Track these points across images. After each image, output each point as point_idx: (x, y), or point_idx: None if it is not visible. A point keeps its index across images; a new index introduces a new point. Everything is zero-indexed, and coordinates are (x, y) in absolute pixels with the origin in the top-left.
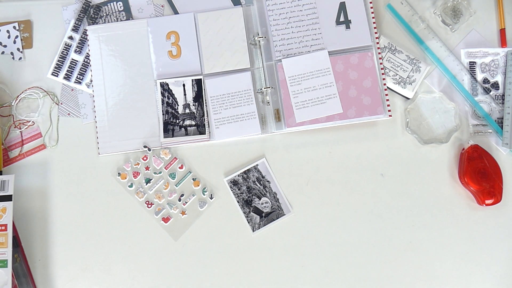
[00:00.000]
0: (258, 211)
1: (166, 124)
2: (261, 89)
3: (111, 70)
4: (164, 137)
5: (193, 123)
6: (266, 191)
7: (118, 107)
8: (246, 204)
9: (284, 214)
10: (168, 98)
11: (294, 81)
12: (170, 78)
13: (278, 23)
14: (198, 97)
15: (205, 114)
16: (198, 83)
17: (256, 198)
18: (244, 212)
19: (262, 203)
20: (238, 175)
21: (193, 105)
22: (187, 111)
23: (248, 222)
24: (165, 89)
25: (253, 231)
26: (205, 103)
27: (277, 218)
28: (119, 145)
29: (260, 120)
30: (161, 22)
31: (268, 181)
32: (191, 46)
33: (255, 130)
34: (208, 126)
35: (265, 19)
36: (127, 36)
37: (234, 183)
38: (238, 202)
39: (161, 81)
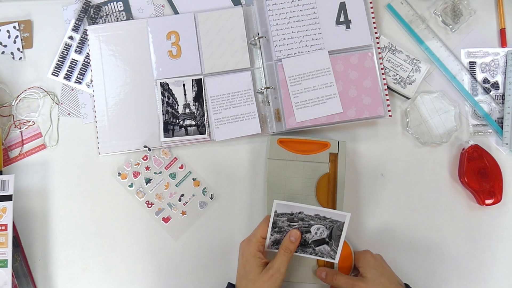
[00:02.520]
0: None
1: (166, 124)
2: (261, 89)
3: (111, 70)
4: (164, 137)
5: (193, 123)
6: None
7: (118, 107)
8: None
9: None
10: (168, 98)
11: (294, 81)
12: (170, 78)
13: (278, 23)
14: (198, 97)
15: (205, 114)
16: (198, 83)
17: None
18: None
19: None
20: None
21: (193, 105)
22: (187, 111)
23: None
24: (165, 89)
25: None
26: (205, 103)
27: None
28: (119, 144)
29: (260, 120)
30: (161, 22)
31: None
32: (191, 46)
33: (255, 130)
34: (208, 126)
35: (265, 19)
36: (127, 36)
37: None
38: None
39: (161, 81)
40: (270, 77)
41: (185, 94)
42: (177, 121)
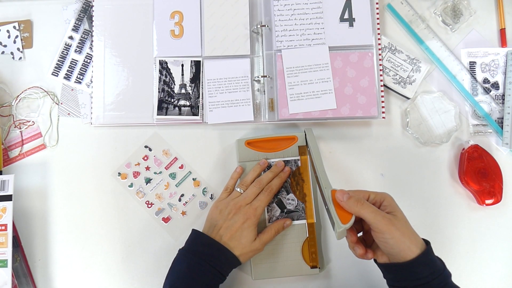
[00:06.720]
0: (281, 205)
1: (160, 101)
2: (258, 76)
3: (113, 41)
4: (158, 114)
5: (188, 103)
6: (297, 189)
7: (115, 79)
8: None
9: (305, 219)
10: (166, 77)
11: (292, 72)
12: (170, 57)
13: (282, 14)
14: (195, 78)
15: (200, 96)
16: (197, 65)
17: (284, 191)
18: None
19: (288, 199)
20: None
21: (190, 86)
22: (183, 91)
23: (267, 212)
24: (164, 67)
25: (266, 225)
26: (202, 85)
27: (297, 219)
28: (113, 116)
29: (254, 108)
30: (167, 0)
31: (302, 180)
32: (194, 27)
33: (248, 117)
34: (202, 108)
35: (269, 9)
36: (132, 10)
37: (269, 168)
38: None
39: (161, 59)
40: (268, 66)
41: (182, 75)
42: (172, 100)
